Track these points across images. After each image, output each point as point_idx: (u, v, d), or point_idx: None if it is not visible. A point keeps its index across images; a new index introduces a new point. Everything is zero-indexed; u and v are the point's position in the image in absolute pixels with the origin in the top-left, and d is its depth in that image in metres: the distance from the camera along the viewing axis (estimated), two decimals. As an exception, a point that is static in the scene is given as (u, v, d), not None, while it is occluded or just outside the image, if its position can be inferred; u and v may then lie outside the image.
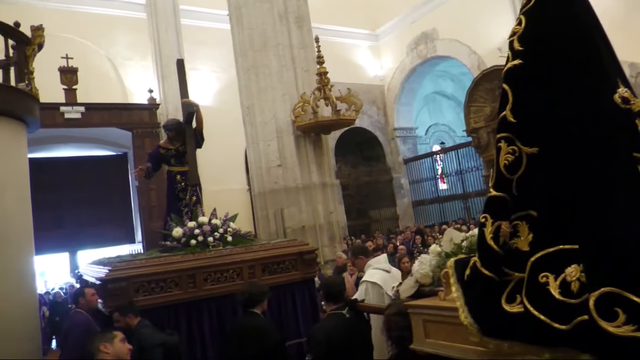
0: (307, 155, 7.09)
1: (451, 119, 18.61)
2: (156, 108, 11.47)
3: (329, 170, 7.35)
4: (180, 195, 5.58)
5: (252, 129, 7.32)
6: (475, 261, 1.83)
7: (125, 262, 4.37)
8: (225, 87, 12.68)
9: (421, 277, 2.46)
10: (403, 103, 16.30)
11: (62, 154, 12.37)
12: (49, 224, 10.71)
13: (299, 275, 4.68)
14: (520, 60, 1.76)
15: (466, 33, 13.42)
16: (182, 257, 4.45)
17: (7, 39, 5.20)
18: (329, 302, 3.16)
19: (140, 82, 12.06)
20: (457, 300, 1.84)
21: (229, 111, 11.17)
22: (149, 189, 11.09)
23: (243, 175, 13.08)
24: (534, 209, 1.69)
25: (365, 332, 3.24)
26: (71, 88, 10.43)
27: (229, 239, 4.88)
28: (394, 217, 16.06)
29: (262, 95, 7.10)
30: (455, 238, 2.46)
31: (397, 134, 16.22)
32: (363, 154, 16.79)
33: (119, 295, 4.03)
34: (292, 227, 6.95)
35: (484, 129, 12.64)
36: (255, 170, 7.35)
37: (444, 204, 15.70)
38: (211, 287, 4.36)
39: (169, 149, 5.66)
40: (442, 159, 16.51)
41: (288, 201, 6.99)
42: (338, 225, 7.33)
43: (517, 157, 1.71)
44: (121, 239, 12.68)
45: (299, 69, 7.12)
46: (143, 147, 10.98)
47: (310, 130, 6.98)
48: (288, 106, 6.98)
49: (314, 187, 7.06)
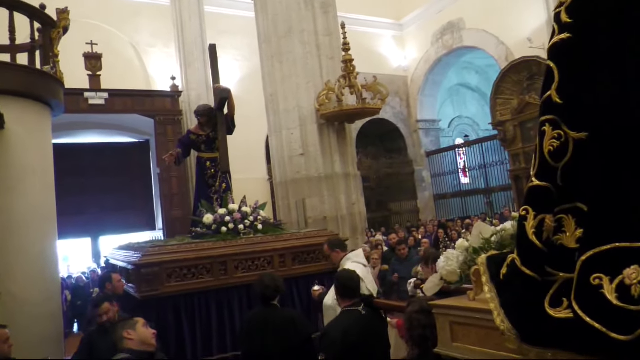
0: (330, 144, 6.96)
1: (475, 112, 18.31)
2: (178, 95, 11.45)
3: (352, 160, 7.21)
4: (210, 182, 5.56)
5: (275, 117, 7.22)
6: (513, 259, 1.64)
7: (157, 248, 4.39)
8: (247, 76, 12.61)
9: (447, 274, 2.28)
10: (426, 95, 16.05)
11: (85, 140, 12.48)
12: (72, 209, 10.81)
13: (328, 266, 4.61)
14: (569, 34, 1.55)
15: (494, 23, 13.06)
16: (213, 244, 4.48)
17: (32, 21, 5.18)
18: (345, 298, 2.98)
19: (163, 69, 12.06)
20: (490, 302, 1.67)
21: (251, 100, 11.09)
22: (170, 177, 11.13)
23: (264, 164, 13.04)
24: (582, 202, 1.50)
25: (383, 330, 3.09)
26: (95, 74, 10.47)
27: (260, 227, 4.89)
28: (414, 210, 15.90)
29: (286, 82, 6.97)
30: (485, 232, 2.27)
31: (420, 126, 16.01)
32: (384, 146, 16.63)
33: (152, 280, 4.03)
34: (313, 218, 6.84)
35: (510, 122, 12.34)
36: (277, 159, 7.25)
37: (466, 198, 15.50)
38: (242, 274, 4.37)
39: (199, 134, 5.63)
40: (465, 153, 16.23)
41: (310, 191, 6.87)
42: (360, 216, 7.20)
43: (563, 142, 1.52)
44: (142, 226, 12.77)
45: (323, 57, 6.97)
46: (165, 135, 11.02)
47: (334, 119, 6.84)
48: (312, 94, 6.84)
49: (337, 177, 6.94)
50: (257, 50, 7.61)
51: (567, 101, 1.52)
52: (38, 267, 4.58)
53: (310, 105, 6.87)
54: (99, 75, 10.53)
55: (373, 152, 15.71)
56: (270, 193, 12.54)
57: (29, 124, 4.75)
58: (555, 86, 1.57)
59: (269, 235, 4.79)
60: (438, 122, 16.60)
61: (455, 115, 17.98)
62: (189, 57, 11.71)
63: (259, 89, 7.92)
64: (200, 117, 5.65)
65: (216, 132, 5.54)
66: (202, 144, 5.60)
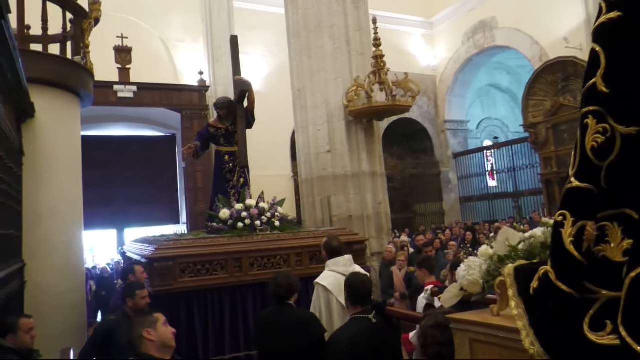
0: (357, 142, 6.84)
1: (504, 114, 17.93)
2: (206, 90, 11.48)
3: (380, 158, 7.07)
4: (228, 176, 5.47)
5: (302, 112, 7.13)
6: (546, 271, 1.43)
7: (172, 242, 4.33)
8: (274, 72, 12.55)
9: (468, 284, 2.03)
10: (455, 95, 15.76)
11: (112, 133, 12.63)
12: (98, 201, 10.94)
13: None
14: (619, 12, 1.32)
15: (528, 22, 12.68)
16: (229, 239, 4.39)
17: (65, 11, 5.20)
18: (355, 304, 2.78)
19: (191, 64, 12.10)
20: (518, 320, 1.48)
21: (278, 96, 11.02)
22: (195, 171, 11.16)
23: (288, 161, 12.99)
24: (631, 207, 1.28)
25: (395, 341, 2.88)
26: (125, 67, 10.57)
27: (277, 224, 4.78)
28: (439, 212, 15.64)
29: (314, 78, 6.88)
30: (512, 239, 2.03)
31: (448, 126, 15.74)
32: (411, 146, 16.40)
33: (165, 274, 3.96)
34: (338, 216, 6.73)
35: (542, 124, 11.98)
36: (303, 156, 7.17)
37: (493, 202, 15.19)
38: (257, 272, 4.27)
39: (218, 128, 5.55)
40: (493, 155, 15.90)
41: (336, 189, 6.78)
42: (387, 216, 7.06)
43: (609, 138, 1.29)
44: (166, 219, 12.86)
45: (353, 52, 6.84)
46: (192, 129, 11.02)
47: (363, 115, 6.71)
48: (340, 90, 6.74)
49: (364, 175, 6.81)
50: (285, 47, 7.54)
51: (615, 90, 1.28)
52: (63, 256, 4.58)
53: (338, 102, 6.75)
54: (128, 69, 10.62)
55: (398, 151, 15.48)
56: (294, 190, 12.51)
57: (59, 113, 4.76)
58: (601, 73, 1.33)
59: (286, 233, 4.68)
60: (466, 123, 16.29)
61: (484, 117, 17.63)
62: (217, 52, 11.72)
63: (286, 86, 7.83)
64: (219, 110, 5.56)
65: (236, 125, 5.44)
66: (221, 138, 5.51)
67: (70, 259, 4.70)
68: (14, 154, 3.94)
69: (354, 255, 4.59)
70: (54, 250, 4.46)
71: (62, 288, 4.47)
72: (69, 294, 4.58)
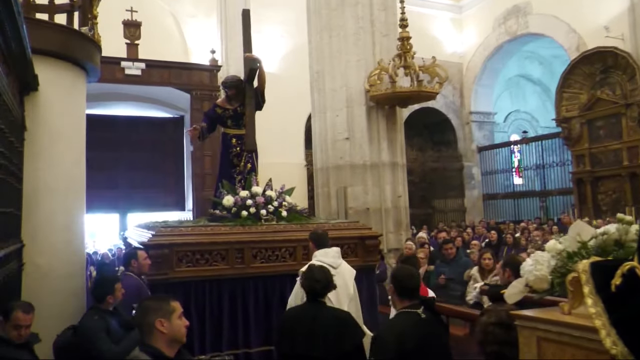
0: (378, 129, 6.75)
1: (534, 107, 17.70)
2: (217, 70, 11.43)
3: (401, 148, 6.98)
4: (235, 160, 5.39)
5: (319, 96, 7.05)
6: (633, 267, 1.44)
7: (169, 228, 4.27)
8: (290, 52, 12.45)
9: (536, 280, 2.03)
10: (483, 85, 15.55)
11: (118, 113, 12.67)
12: (101, 183, 11.00)
13: (358, 262, 4.41)
14: None
15: (566, 8, 12.40)
16: (231, 228, 4.32)
17: (72, -21, 5.15)
18: (403, 298, 2.75)
19: (202, 41, 12.05)
20: (596, 318, 1.48)
21: (293, 79, 10.92)
22: (203, 156, 11.15)
23: (302, 149, 12.93)
24: None
25: (444, 338, 2.85)
26: (133, 43, 10.56)
27: (284, 214, 4.69)
28: (460, 209, 15.54)
29: (335, 59, 6.78)
30: (585, 234, 2.03)
31: (473, 118, 15.57)
32: (432, 138, 16.28)
33: (161, 263, 3.91)
34: (355, 208, 6.68)
35: (576, 119, 11.75)
36: (319, 143, 7.11)
37: (519, 200, 15.04)
38: (260, 265, 4.21)
39: (226, 108, 5.46)
40: (521, 150, 15.71)
41: (353, 179, 6.71)
42: (406, 211, 6.98)
43: None
44: (171, 205, 12.93)
45: (377, 33, 6.73)
46: (201, 111, 10.94)
47: (385, 101, 6.62)
48: (362, 73, 6.65)
49: (383, 166, 6.73)
50: (304, 26, 7.44)
51: None
52: (64, 239, 4.56)
53: (359, 85, 6.66)
54: (137, 45, 10.60)
55: (419, 143, 15.37)
56: (307, 180, 12.46)
57: (64, 87, 4.71)
58: None
59: (293, 224, 4.57)
60: (493, 115, 16.09)
61: (512, 109, 17.42)
62: (231, 30, 11.63)
63: (303, 68, 7.74)
64: (227, 89, 5.44)
65: (244, 106, 5.36)
66: (229, 119, 5.40)
67: (72, 243, 4.69)
68: (16, 128, 3.91)
69: (365, 251, 4.57)
70: (54, 233, 4.44)
71: (62, 272, 4.46)
72: (69, 279, 4.56)
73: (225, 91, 5.54)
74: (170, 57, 11.28)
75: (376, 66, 6.52)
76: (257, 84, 5.38)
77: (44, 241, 4.34)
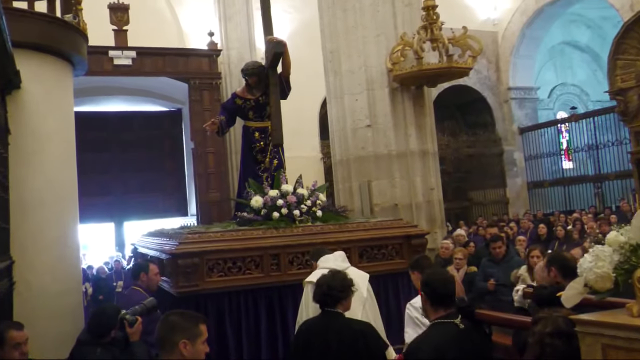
0: (404, 113, 6.72)
1: (584, 79, 17.53)
2: (217, 55, 11.51)
3: (431, 134, 6.97)
4: (259, 157, 5.51)
5: (335, 79, 7.05)
6: None
7: (197, 235, 4.39)
8: (298, 30, 12.45)
9: (597, 279, 1.99)
10: (522, 56, 15.46)
11: (108, 109, 12.83)
12: (94, 189, 11.17)
13: (404, 265, 4.46)
14: None
15: (617, -40, 12.21)
16: (263, 232, 4.44)
17: (52, -39, 5.22)
18: (437, 307, 2.73)
19: (199, 24, 12.13)
20: None
21: (303, 61, 10.87)
22: (205, 153, 11.26)
23: (316, 140, 12.99)
24: None
25: (487, 350, 2.84)
26: (121, 29, 10.67)
27: (318, 214, 4.80)
28: (502, 201, 15.52)
29: (350, 36, 6.77)
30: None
31: (512, 95, 15.49)
32: (466, 120, 16.23)
33: (191, 273, 4.02)
34: (381, 205, 6.67)
35: (634, 90, 11.52)
36: (337, 132, 7.11)
37: (569, 188, 14.97)
38: (298, 271, 4.30)
39: (247, 99, 5.56)
40: (570, 130, 15.60)
41: (378, 172, 6.70)
42: (440, 205, 6.96)
43: None
44: (172, 211, 13.08)
45: (398, 3, 6.70)
46: (201, 102, 11.11)
47: (411, 81, 6.60)
48: (383, 50, 6.61)
49: (412, 155, 6.71)
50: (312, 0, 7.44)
51: None
52: (57, 254, 4.65)
53: (380, 64, 6.66)
54: (125, 31, 10.72)
55: (451, 127, 15.33)
56: (324, 174, 12.49)
57: (48, 83, 4.80)
58: None
59: (330, 224, 4.70)
60: (536, 90, 15.97)
61: (557, 82, 17.34)
62: (229, 10, 11.70)
63: (313, 47, 7.76)
64: (248, 77, 5.55)
65: (267, 95, 5.42)
66: (250, 111, 5.51)
67: (65, 257, 4.77)
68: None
69: (412, 251, 4.65)
70: (46, 247, 4.53)
71: (56, 290, 4.54)
72: (64, 297, 4.65)
73: (246, 79, 5.64)
74: (164, 43, 11.37)
75: (398, 41, 6.50)
76: (282, 70, 5.45)
77: (35, 257, 4.43)
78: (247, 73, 5.56)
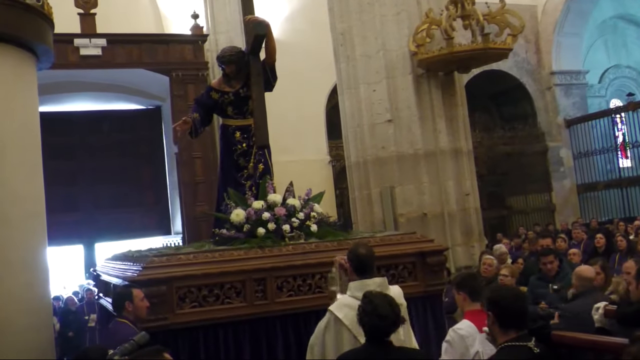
0: (432, 105, 6.79)
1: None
2: (203, 41, 11.57)
3: (465, 129, 7.03)
4: (241, 161, 5.47)
5: (347, 66, 7.10)
6: None
7: (165, 257, 4.34)
8: (299, 11, 12.54)
9: None
10: (567, 33, 15.48)
11: (74, 108, 12.90)
12: (58, 205, 11.11)
13: (419, 289, 4.50)
14: None
15: None
16: (246, 252, 4.40)
17: None
18: (507, 328, 2.80)
19: (180, 4, 12.21)
20: None
21: (305, 45, 11.04)
22: (191, 158, 11.29)
23: (323, 140, 13.00)
24: None
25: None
26: (88, 13, 10.73)
27: (313, 229, 4.75)
28: (547, 208, 15.56)
29: (365, 14, 6.84)
30: None
31: (556, 80, 15.51)
32: (501, 112, 16.29)
33: (158, 304, 3.99)
34: (407, 215, 6.72)
35: None
36: (351, 129, 7.16)
37: (628, 190, 14.97)
38: (288, 299, 4.28)
39: (224, 92, 5.52)
40: (626, 121, 15.61)
41: (402, 176, 6.76)
42: (477, 213, 7.01)
43: None
44: (152, 229, 13.12)
45: (422, -27, 6.80)
46: (185, 97, 11.14)
47: (439, 66, 6.67)
48: (405, 30, 6.69)
49: (442, 154, 6.78)
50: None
51: None
52: (23, 281, 4.68)
53: (402, 47, 6.72)
54: (93, 15, 10.79)
55: (484, 120, 15.36)
56: (333, 180, 12.52)
57: (9, 78, 4.84)
58: None
59: (327, 241, 4.64)
60: (584, 74, 15.99)
61: (610, 65, 17.37)
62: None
63: (319, 30, 7.80)
64: (225, 65, 5.49)
65: (249, 87, 5.41)
66: (229, 106, 5.45)
67: (33, 285, 4.80)
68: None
69: (428, 271, 4.62)
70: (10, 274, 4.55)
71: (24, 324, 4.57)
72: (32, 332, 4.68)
73: (222, 68, 5.60)
74: (139, 28, 11.46)
75: (423, 19, 6.58)
76: (266, 57, 5.45)
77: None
78: (223, 61, 5.48)
